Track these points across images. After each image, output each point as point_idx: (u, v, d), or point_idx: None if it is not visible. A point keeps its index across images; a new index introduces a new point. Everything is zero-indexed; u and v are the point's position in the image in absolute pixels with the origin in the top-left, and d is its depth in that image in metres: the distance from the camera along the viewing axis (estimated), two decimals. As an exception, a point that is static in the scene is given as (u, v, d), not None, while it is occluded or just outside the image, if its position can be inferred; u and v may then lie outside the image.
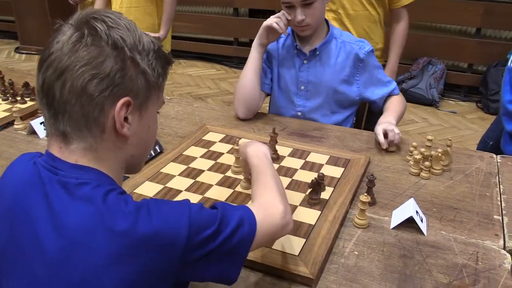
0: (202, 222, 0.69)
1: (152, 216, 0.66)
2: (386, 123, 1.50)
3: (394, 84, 1.72)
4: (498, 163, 1.40)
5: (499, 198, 1.22)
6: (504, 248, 1.04)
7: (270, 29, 1.59)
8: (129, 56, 0.70)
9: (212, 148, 1.45)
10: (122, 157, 0.76)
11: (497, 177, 1.32)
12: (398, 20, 2.13)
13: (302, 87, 1.70)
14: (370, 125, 2.07)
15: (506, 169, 1.36)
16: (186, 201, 0.72)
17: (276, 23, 1.56)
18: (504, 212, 1.16)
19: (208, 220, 0.70)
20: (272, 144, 1.38)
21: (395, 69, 2.18)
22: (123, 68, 0.69)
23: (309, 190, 1.18)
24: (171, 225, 0.66)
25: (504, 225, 1.11)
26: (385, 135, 1.46)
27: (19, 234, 0.67)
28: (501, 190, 1.26)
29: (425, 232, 1.09)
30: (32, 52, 5.23)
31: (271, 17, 1.60)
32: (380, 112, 1.67)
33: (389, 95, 1.70)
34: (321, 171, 1.25)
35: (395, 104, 1.67)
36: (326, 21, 1.67)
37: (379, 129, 1.48)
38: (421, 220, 1.10)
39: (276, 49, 1.73)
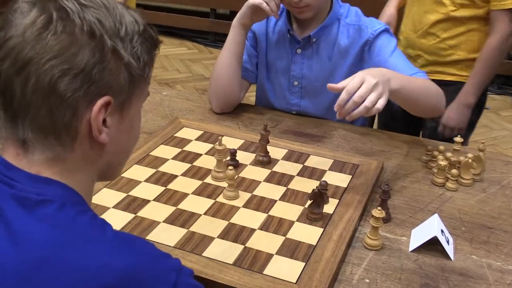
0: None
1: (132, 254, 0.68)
2: (383, 71, 1.31)
3: (421, 72, 1.59)
4: (542, 172, 1.45)
5: (542, 216, 1.27)
6: (548, 277, 1.08)
7: (256, 8, 1.57)
8: (110, 46, 0.70)
9: (187, 148, 1.47)
10: (95, 168, 0.77)
11: (540, 189, 1.37)
12: (491, 29, 1.91)
13: (296, 83, 1.73)
14: (386, 122, 2.11)
15: (550, 180, 1.42)
16: (177, 260, 0.74)
17: (266, 2, 1.54)
18: (548, 233, 1.21)
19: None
20: (262, 144, 1.41)
21: (468, 101, 1.96)
22: (101, 61, 0.69)
23: (309, 202, 1.21)
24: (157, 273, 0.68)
25: (548, 249, 1.16)
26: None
27: None
28: (545, 206, 1.31)
29: (452, 257, 1.12)
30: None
31: None
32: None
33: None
34: (323, 179, 1.28)
35: (421, 80, 1.52)
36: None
37: (357, 76, 1.22)
38: (447, 242, 1.14)
39: (265, 32, 1.74)
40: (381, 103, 1.19)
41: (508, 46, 1.91)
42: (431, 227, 1.15)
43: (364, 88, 1.18)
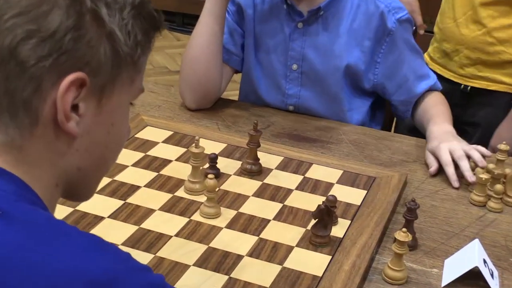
0: None
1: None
2: (453, 140, 1.54)
3: (433, 78, 1.80)
4: None
5: None
6: None
7: None
8: (90, 8, 0.71)
9: (152, 153, 1.49)
10: (60, 168, 0.78)
11: None
12: None
13: (295, 66, 1.76)
14: (410, 126, 2.14)
15: None
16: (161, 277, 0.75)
17: None
18: None
19: None
20: (251, 148, 1.43)
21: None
22: (78, 27, 0.70)
23: (312, 223, 1.22)
24: None
25: None
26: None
27: None
28: None
29: (496, 293, 1.14)
30: None
31: None
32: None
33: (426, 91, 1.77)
34: (330, 194, 1.29)
35: (442, 103, 1.75)
36: None
37: (443, 150, 1.50)
38: (491, 275, 1.16)
39: (252, 2, 1.78)
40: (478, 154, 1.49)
41: None
42: (470, 256, 1.17)
43: (464, 161, 1.47)
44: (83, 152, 0.78)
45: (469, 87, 2.06)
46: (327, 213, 1.20)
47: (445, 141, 1.53)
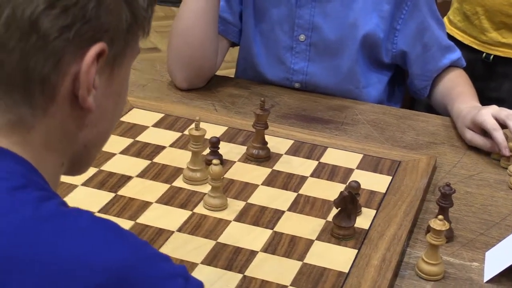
0: None
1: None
2: (488, 107, 1.59)
3: (457, 52, 1.85)
4: None
5: None
6: None
7: None
8: None
9: (142, 138, 1.53)
10: (69, 147, 0.83)
11: None
12: None
13: (302, 37, 1.80)
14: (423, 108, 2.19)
15: None
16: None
17: None
18: None
19: None
20: (259, 130, 1.47)
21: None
22: None
23: (334, 213, 1.27)
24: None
25: None
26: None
27: None
28: None
29: (545, 289, 1.20)
30: None
31: None
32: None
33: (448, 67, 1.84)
34: (352, 179, 1.34)
35: (466, 81, 1.81)
36: None
37: (487, 116, 1.55)
38: (540, 268, 1.21)
39: None
40: None
41: None
42: (513, 248, 1.22)
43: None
44: (92, 128, 0.83)
45: (492, 56, 2.13)
46: (351, 201, 1.24)
47: (482, 108, 1.58)
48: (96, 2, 0.75)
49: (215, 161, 1.31)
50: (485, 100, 2.04)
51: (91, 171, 1.38)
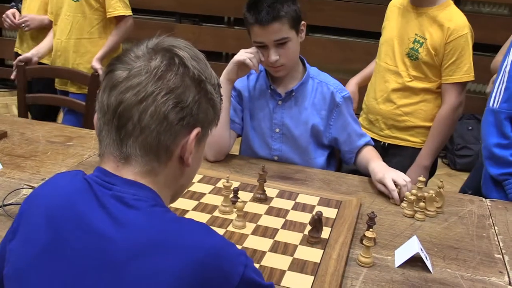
0: (256, 271, 0.80)
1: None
2: (390, 171, 1.63)
3: (368, 137, 1.89)
4: (489, 206, 1.62)
5: (496, 238, 1.42)
6: (510, 284, 1.22)
7: (241, 64, 1.72)
8: (207, 89, 0.83)
9: (192, 188, 1.56)
10: (175, 186, 0.87)
11: (490, 219, 1.53)
12: (442, 100, 2.07)
13: (277, 130, 1.85)
14: (345, 171, 2.25)
15: (497, 212, 1.58)
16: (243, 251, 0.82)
17: (250, 59, 1.70)
18: (503, 251, 1.36)
19: (259, 273, 0.82)
20: (260, 183, 1.52)
21: (424, 163, 2.09)
22: (200, 100, 0.82)
23: (308, 228, 1.31)
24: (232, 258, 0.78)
25: (506, 262, 1.30)
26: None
27: (67, 237, 0.76)
28: (497, 231, 1.46)
29: (431, 270, 1.24)
30: None
31: (243, 51, 1.73)
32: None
33: (363, 146, 1.86)
34: (317, 210, 1.38)
35: (374, 152, 1.84)
36: (302, 59, 1.85)
37: (389, 180, 1.58)
38: (426, 258, 1.26)
39: (247, 88, 1.88)
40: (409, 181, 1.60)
41: (458, 115, 2.07)
42: (412, 246, 1.27)
43: (405, 184, 1.59)
44: (187, 176, 0.89)
45: (386, 144, 2.17)
46: (319, 221, 1.29)
47: (387, 172, 1.62)
48: (197, 105, 0.81)
49: (240, 200, 1.35)
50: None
51: (165, 207, 1.42)
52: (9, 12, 2.78)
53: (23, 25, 2.73)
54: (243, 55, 1.71)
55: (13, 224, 0.86)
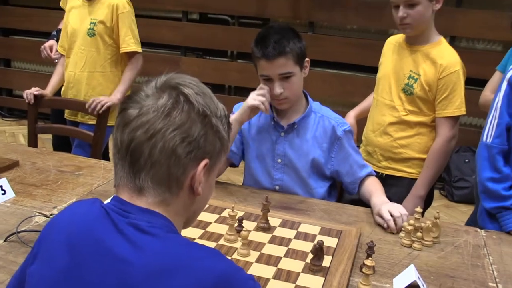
0: None
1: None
2: (387, 204, 1.68)
3: (370, 167, 1.94)
4: (484, 237, 1.66)
5: (490, 268, 1.46)
6: (503, 311, 1.26)
7: (254, 108, 1.79)
8: (212, 123, 0.88)
9: (198, 218, 1.54)
10: (187, 213, 0.92)
11: (485, 249, 1.58)
12: (436, 133, 2.12)
13: (279, 160, 1.91)
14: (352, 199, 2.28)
15: (491, 242, 1.63)
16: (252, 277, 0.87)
17: (262, 103, 1.77)
18: (497, 279, 1.40)
19: None
20: (264, 213, 1.56)
21: (420, 193, 2.13)
22: (206, 133, 0.86)
23: (310, 257, 1.35)
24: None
25: (500, 291, 1.35)
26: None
27: (86, 261, 0.81)
28: (491, 260, 1.51)
29: (428, 297, 1.29)
30: None
31: (254, 94, 1.78)
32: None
33: (366, 176, 1.91)
34: (318, 240, 1.43)
35: (377, 184, 1.88)
36: (305, 94, 1.93)
37: (385, 211, 1.64)
38: (423, 286, 1.31)
39: (248, 123, 1.93)
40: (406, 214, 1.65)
41: (451, 147, 2.12)
42: (410, 274, 1.31)
43: (400, 216, 1.64)
44: (198, 203, 0.93)
45: (384, 174, 2.20)
46: (320, 250, 1.33)
47: (384, 205, 1.67)
48: (204, 138, 0.86)
49: (244, 229, 1.40)
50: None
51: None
52: (47, 44, 2.88)
53: (56, 60, 2.84)
54: (256, 99, 1.76)
55: (33, 249, 0.91)
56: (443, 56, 2.05)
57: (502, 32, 2.88)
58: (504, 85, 1.71)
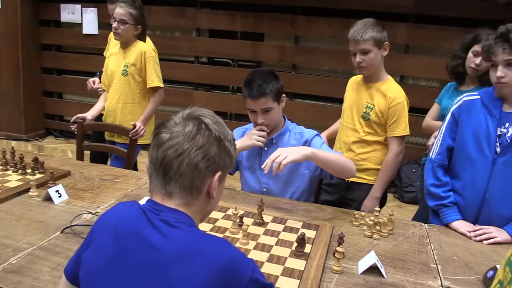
0: (260, 273, 0.87)
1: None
2: (284, 148, 1.62)
3: (340, 153, 1.85)
4: (427, 229, 1.69)
5: (432, 253, 1.49)
6: (441, 286, 1.29)
7: (256, 145, 1.80)
8: (224, 145, 0.91)
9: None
10: (204, 212, 0.95)
11: (428, 238, 1.60)
12: (388, 149, 2.12)
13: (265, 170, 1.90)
14: (325, 200, 2.29)
15: (433, 233, 1.65)
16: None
17: (262, 142, 1.80)
18: (437, 262, 1.43)
19: (263, 275, 0.88)
20: (259, 211, 1.58)
21: (376, 195, 2.13)
22: (220, 152, 0.89)
23: (295, 245, 1.37)
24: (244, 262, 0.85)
25: (439, 271, 1.37)
26: None
27: (128, 248, 0.83)
28: (432, 247, 1.53)
29: (385, 275, 1.31)
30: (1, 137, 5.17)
31: (255, 131, 1.80)
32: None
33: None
34: (301, 232, 1.46)
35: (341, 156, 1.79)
36: (284, 118, 1.93)
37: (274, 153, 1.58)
38: (381, 267, 1.33)
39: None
40: (282, 161, 1.54)
41: (400, 159, 2.13)
42: (371, 258, 1.34)
43: (276, 155, 1.56)
44: (212, 204, 0.95)
45: (349, 181, 2.19)
46: (303, 240, 1.35)
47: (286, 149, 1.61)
48: (218, 156, 0.88)
49: (245, 224, 1.42)
50: (346, 199, 2.18)
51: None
52: (91, 79, 2.92)
53: (100, 92, 2.87)
54: (258, 139, 1.79)
55: (87, 238, 0.93)
56: (391, 90, 2.08)
57: (440, 73, 2.93)
58: (449, 116, 1.75)
